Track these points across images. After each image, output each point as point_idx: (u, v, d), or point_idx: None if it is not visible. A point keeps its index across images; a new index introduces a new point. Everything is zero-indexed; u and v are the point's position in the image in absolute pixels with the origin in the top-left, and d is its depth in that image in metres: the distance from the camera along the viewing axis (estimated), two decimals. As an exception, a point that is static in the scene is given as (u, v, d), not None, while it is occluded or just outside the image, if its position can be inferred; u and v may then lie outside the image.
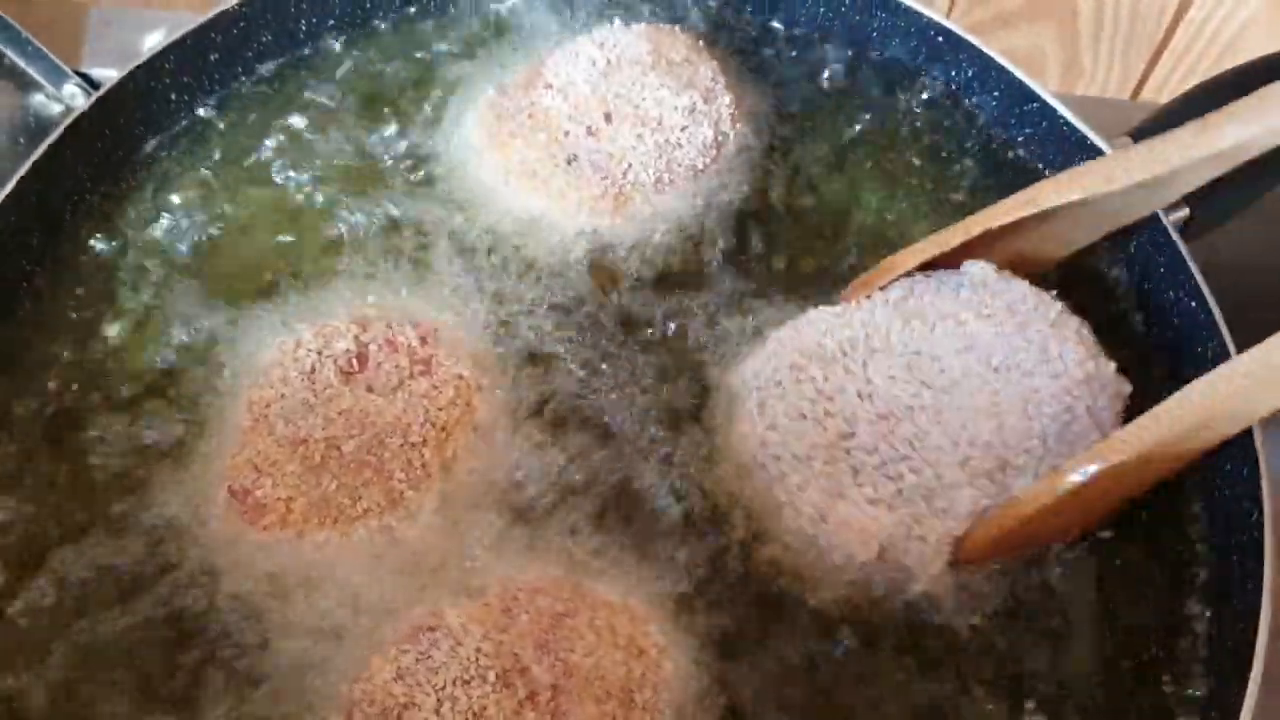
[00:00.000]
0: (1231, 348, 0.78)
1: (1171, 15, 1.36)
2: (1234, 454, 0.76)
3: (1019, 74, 0.92)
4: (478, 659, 0.67)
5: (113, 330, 0.84)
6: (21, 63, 1.00)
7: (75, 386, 0.81)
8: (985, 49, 0.93)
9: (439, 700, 0.66)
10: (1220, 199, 0.85)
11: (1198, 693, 0.73)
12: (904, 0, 0.95)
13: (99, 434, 0.79)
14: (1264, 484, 0.73)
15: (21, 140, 0.98)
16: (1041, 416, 0.73)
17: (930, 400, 0.74)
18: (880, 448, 0.74)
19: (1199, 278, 0.81)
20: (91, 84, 0.96)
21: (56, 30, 1.11)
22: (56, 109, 1.00)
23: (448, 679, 0.67)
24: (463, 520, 0.75)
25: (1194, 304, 0.82)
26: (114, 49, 1.13)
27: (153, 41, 0.93)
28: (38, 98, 1.03)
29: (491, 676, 0.66)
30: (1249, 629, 0.70)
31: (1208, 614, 0.76)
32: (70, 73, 1.00)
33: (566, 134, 0.89)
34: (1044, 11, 1.39)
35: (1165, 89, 1.43)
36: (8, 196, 0.82)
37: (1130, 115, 0.93)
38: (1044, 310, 0.77)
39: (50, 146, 0.85)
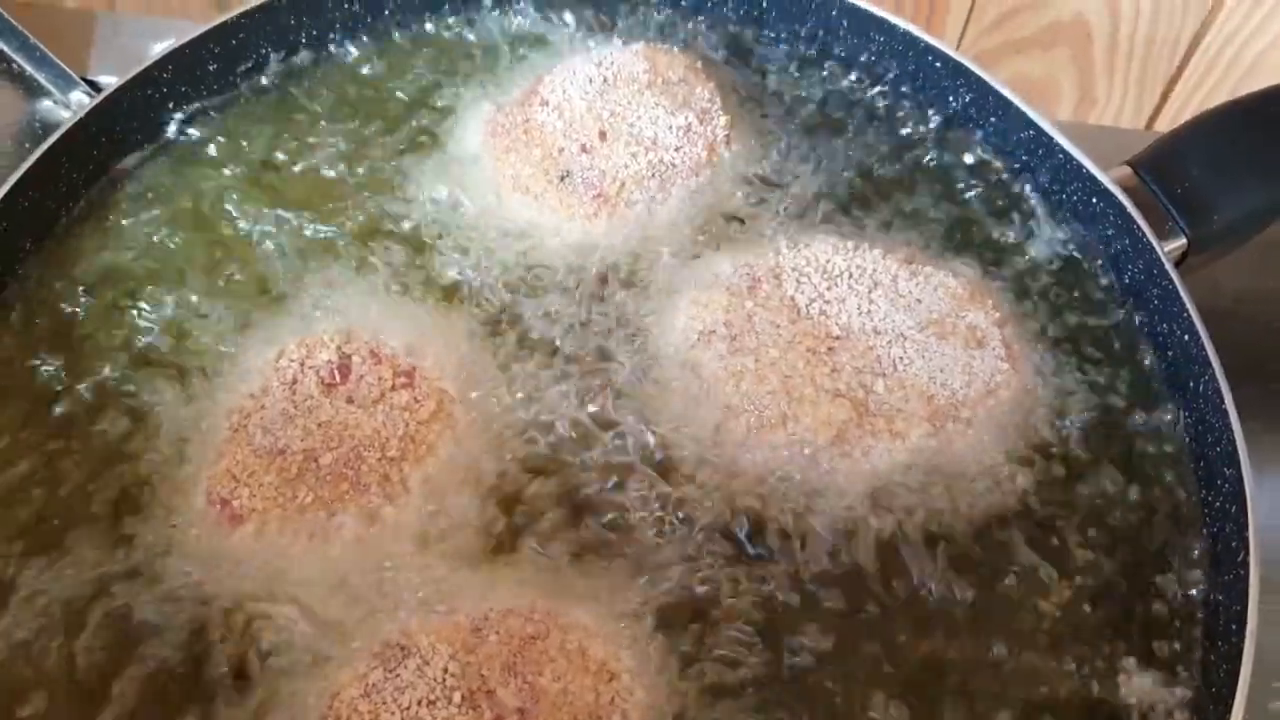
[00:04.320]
0: (1224, 384, 0.77)
1: (1186, 45, 1.35)
2: (1224, 491, 0.75)
3: (1017, 101, 0.91)
4: (444, 679, 0.66)
5: (100, 336, 0.83)
6: (30, 69, 1.01)
7: (59, 391, 0.81)
8: (983, 75, 0.92)
9: (403, 720, 0.65)
10: (1218, 232, 0.84)
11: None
12: (901, 25, 0.94)
13: (80, 438, 0.79)
14: (1250, 522, 0.72)
15: (28, 145, 0.98)
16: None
17: (921, 337, 0.79)
18: (865, 355, 0.78)
19: (1193, 311, 0.80)
20: (98, 91, 0.96)
21: (65, 37, 1.12)
22: (63, 115, 1.01)
23: (413, 699, 0.66)
24: (438, 536, 0.75)
25: (1187, 338, 0.81)
26: (121, 57, 1.13)
27: (160, 50, 0.94)
28: (45, 104, 1.04)
29: (457, 698, 0.66)
30: (1232, 669, 0.69)
31: (1192, 653, 0.74)
32: (77, 79, 1.02)
33: (561, 150, 0.89)
34: (1058, 39, 1.38)
35: (1180, 119, 1.41)
36: (1, 200, 0.83)
37: (1142, 145, 0.91)
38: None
39: (45, 152, 0.86)
